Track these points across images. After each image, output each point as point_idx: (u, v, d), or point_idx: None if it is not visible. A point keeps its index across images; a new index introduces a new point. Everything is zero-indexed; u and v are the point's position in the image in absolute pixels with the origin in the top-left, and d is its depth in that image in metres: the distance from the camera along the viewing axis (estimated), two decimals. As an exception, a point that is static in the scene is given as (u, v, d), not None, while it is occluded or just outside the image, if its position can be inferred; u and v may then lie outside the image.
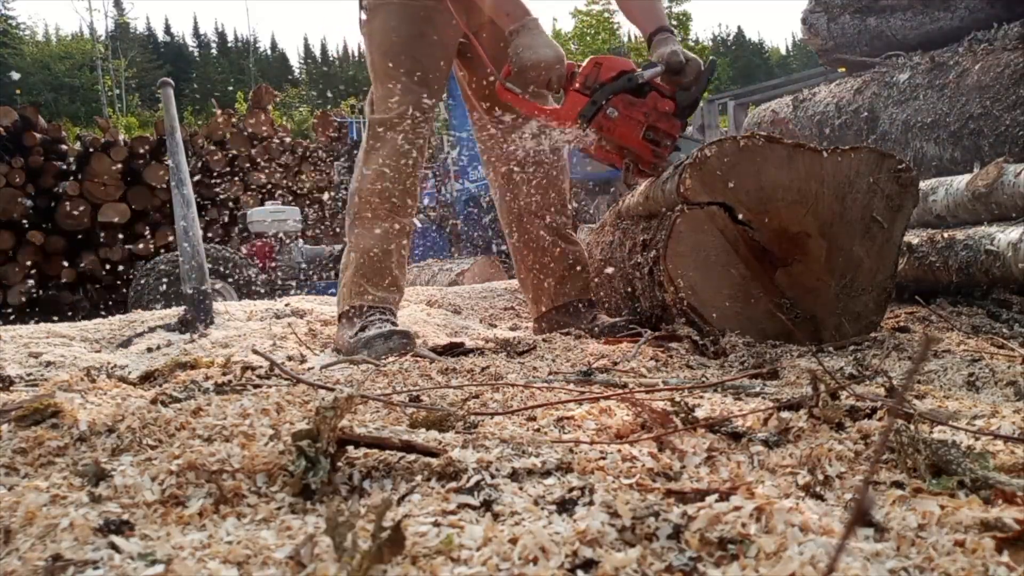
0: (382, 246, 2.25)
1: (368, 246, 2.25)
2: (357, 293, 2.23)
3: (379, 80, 2.38)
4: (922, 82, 2.85)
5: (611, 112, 2.17)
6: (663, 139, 2.20)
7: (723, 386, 1.27)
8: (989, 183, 2.38)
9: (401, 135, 2.28)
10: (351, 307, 2.22)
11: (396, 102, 2.30)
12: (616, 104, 2.17)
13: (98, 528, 0.67)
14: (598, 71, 2.19)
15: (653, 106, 2.19)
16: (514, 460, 0.83)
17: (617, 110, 2.17)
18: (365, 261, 2.24)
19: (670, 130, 2.20)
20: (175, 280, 4.96)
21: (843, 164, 1.95)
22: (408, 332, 2.06)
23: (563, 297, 2.48)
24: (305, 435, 0.80)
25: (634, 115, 2.18)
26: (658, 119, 2.19)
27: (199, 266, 2.91)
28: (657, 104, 2.19)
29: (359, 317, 2.18)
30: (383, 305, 2.22)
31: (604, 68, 2.19)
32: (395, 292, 2.28)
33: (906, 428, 0.85)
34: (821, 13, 3.70)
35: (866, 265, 1.99)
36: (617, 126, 2.18)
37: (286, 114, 19.83)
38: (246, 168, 10.23)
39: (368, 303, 2.21)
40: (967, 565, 0.57)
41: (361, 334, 2.06)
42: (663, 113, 2.19)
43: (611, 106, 2.17)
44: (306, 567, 0.59)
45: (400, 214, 2.28)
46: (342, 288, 2.29)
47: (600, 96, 2.17)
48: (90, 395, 1.14)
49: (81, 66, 38.06)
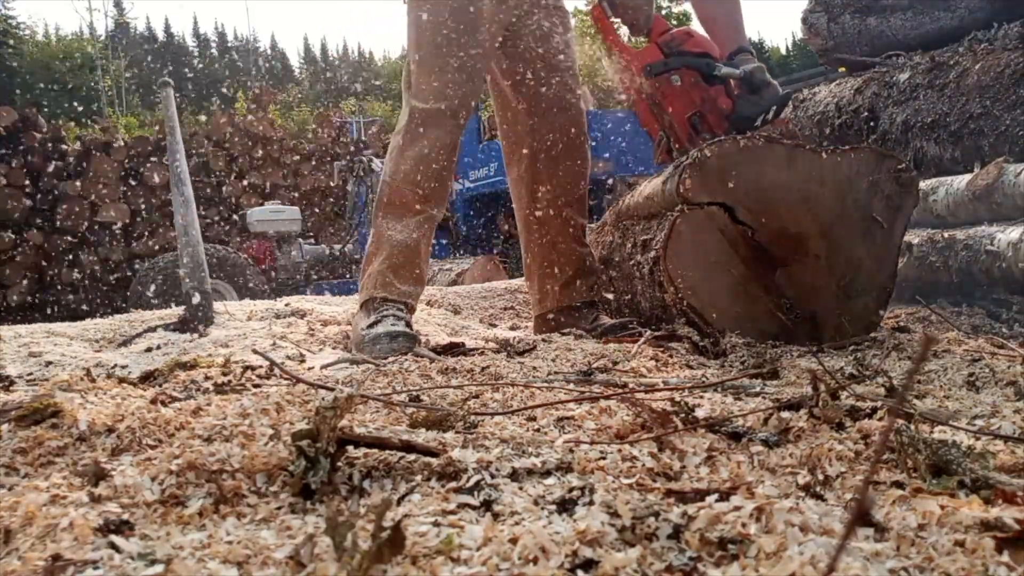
0: (412, 238, 2.23)
1: (398, 238, 2.23)
2: (381, 284, 2.21)
3: (424, 69, 2.30)
4: (922, 82, 2.84)
5: (675, 79, 2.19)
6: (704, 130, 2.20)
7: (723, 386, 1.27)
8: (989, 183, 2.38)
9: (443, 129, 2.24)
10: (371, 297, 2.21)
11: (441, 94, 2.25)
12: (683, 75, 2.19)
13: (98, 528, 0.67)
14: (686, 40, 2.23)
15: (714, 98, 2.21)
16: (514, 460, 0.83)
17: (681, 80, 2.19)
18: (393, 253, 2.22)
19: (716, 126, 2.21)
20: (175, 280, 4.96)
21: (843, 164, 1.95)
22: (414, 336, 2.05)
23: (568, 299, 2.46)
24: (305, 435, 0.80)
25: (693, 94, 2.20)
26: (711, 111, 2.21)
27: (199, 266, 2.90)
28: (718, 98, 2.21)
29: (375, 310, 2.17)
30: (402, 300, 2.20)
31: (693, 41, 2.23)
32: (418, 286, 2.28)
33: (906, 428, 0.85)
34: (821, 13, 3.70)
35: (866, 265, 1.99)
36: (673, 94, 2.20)
37: (286, 114, 19.84)
38: (246, 168, 10.23)
39: (390, 296, 2.19)
40: (967, 565, 0.57)
41: (370, 330, 2.06)
42: (718, 109, 2.21)
43: (678, 74, 2.19)
44: (306, 567, 0.59)
45: (432, 206, 2.28)
46: (366, 277, 2.28)
47: (675, 61, 2.20)
48: (90, 395, 1.14)
49: (81, 66, 38.05)
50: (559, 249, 2.46)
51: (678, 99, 2.20)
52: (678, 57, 2.20)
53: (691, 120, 2.21)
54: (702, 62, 2.19)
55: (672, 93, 2.21)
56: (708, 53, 2.21)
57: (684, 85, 2.20)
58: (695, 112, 2.21)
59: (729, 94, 2.22)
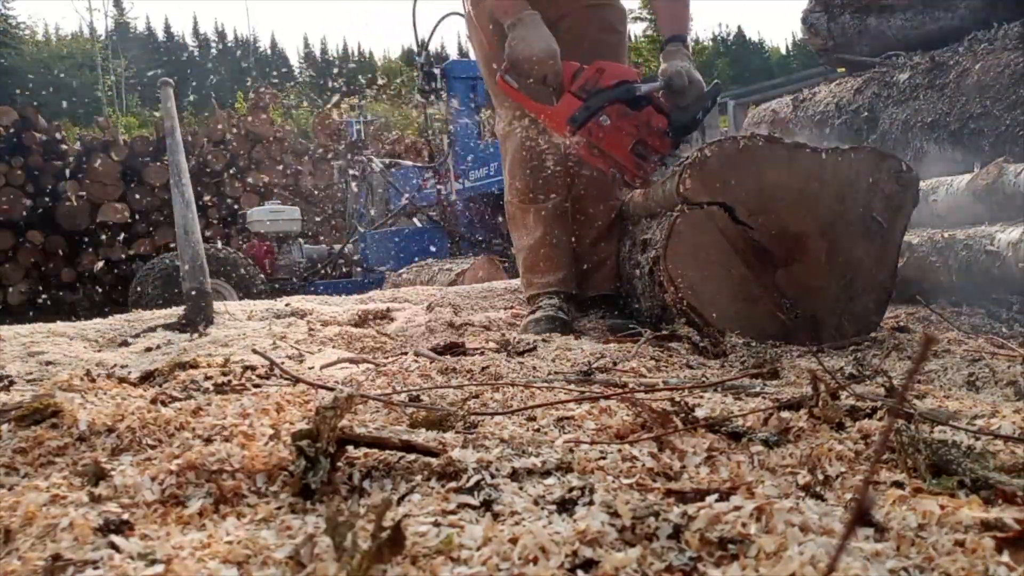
0: (533, 240, 2.49)
1: (526, 243, 2.52)
2: (527, 284, 2.55)
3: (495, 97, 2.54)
4: (922, 82, 2.84)
5: (603, 120, 2.15)
6: (651, 154, 2.18)
7: (723, 386, 1.27)
8: (989, 183, 2.38)
9: (520, 130, 2.42)
10: (528, 297, 2.55)
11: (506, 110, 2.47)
12: (610, 112, 2.15)
13: (98, 528, 0.67)
14: (599, 76, 2.18)
15: (646, 121, 2.17)
16: (514, 460, 0.83)
17: (610, 118, 2.15)
18: (526, 256, 2.53)
19: (660, 147, 2.18)
20: (175, 280, 4.96)
21: (843, 164, 1.95)
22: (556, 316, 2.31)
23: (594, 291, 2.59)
24: (305, 435, 0.80)
25: (625, 126, 2.17)
26: (649, 134, 2.18)
27: (199, 266, 2.90)
28: (651, 119, 2.18)
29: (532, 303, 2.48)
30: (548, 290, 2.46)
31: (606, 74, 2.18)
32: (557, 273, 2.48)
33: (906, 428, 0.85)
34: (821, 13, 3.70)
35: (866, 265, 1.99)
36: (607, 134, 2.17)
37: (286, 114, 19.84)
38: (246, 168, 10.22)
39: (536, 291, 2.49)
40: (967, 565, 0.57)
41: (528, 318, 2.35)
42: (655, 129, 2.18)
43: (604, 113, 2.15)
44: (306, 567, 0.59)
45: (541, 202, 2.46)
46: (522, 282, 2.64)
47: (595, 102, 2.15)
48: (90, 395, 1.14)
49: (81, 66, 38.04)
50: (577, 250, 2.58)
51: (614, 137, 2.17)
52: (596, 97, 2.15)
53: (634, 151, 2.18)
54: (621, 92, 2.15)
55: (606, 134, 2.17)
56: (624, 80, 2.18)
57: (614, 121, 2.16)
58: (635, 142, 2.18)
59: (660, 108, 2.19)
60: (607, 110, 2.15)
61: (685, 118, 2.18)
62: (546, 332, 2.16)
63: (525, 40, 2.16)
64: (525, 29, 2.17)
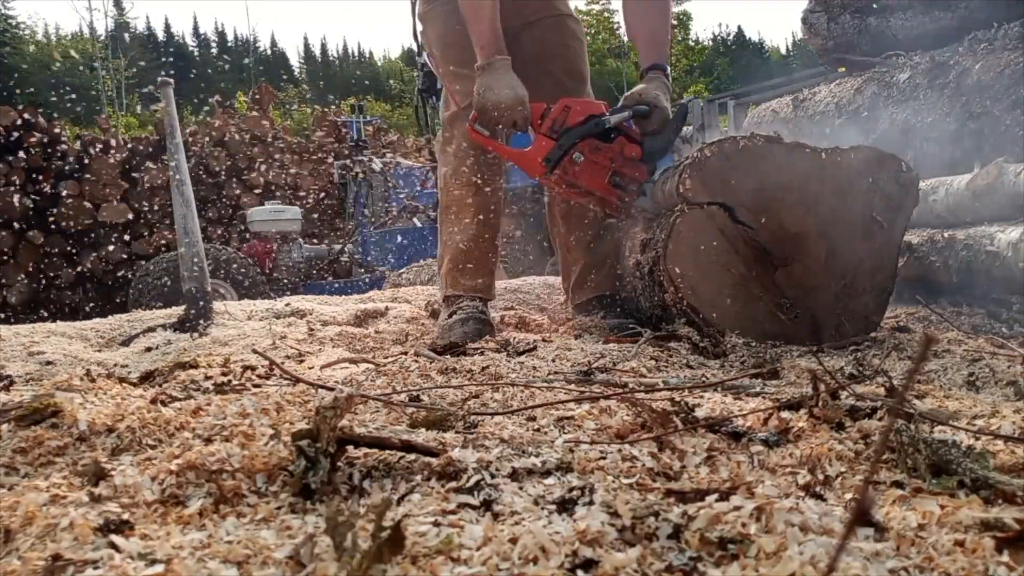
0: (468, 238, 2.43)
1: (456, 240, 2.44)
2: (451, 283, 2.45)
3: (446, 81, 2.49)
4: (922, 82, 2.84)
5: (577, 157, 2.16)
6: (629, 184, 2.19)
7: (723, 386, 1.27)
8: (990, 183, 2.38)
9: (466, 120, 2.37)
10: (446, 296, 2.46)
11: (460, 97, 2.41)
12: (582, 148, 2.16)
13: (98, 528, 0.67)
14: (566, 114, 2.19)
15: (620, 151, 2.18)
16: (514, 460, 0.83)
17: (583, 155, 2.16)
18: (455, 252, 2.44)
19: (636, 175, 2.19)
20: (175, 280, 4.96)
21: (843, 164, 1.95)
22: (486, 321, 2.27)
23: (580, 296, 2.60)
24: (305, 435, 0.80)
25: (600, 160, 2.17)
26: (624, 164, 2.18)
27: (199, 266, 2.91)
28: (624, 149, 2.18)
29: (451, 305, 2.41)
30: (471, 293, 2.41)
31: (573, 112, 2.18)
32: (485, 278, 2.45)
33: (906, 428, 0.85)
34: (821, 12, 3.70)
35: (866, 265, 1.99)
36: (583, 171, 2.17)
37: (286, 114, 19.83)
38: (246, 168, 10.22)
39: (459, 292, 2.42)
40: (967, 565, 0.57)
41: (448, 320, 2.30)
42: (629, 159, 2.18)
43: (577, 150, 2.16)
44: (306, 567, 0.59)
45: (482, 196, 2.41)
46: (440, 278, 2.54)
47: (566, 140, 2.16)
48: (90, 395, 1.14)
49: (81, 66, 38.02)
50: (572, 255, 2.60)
51: (590, 173, 2.18)
52: (567, 136, 2.16)
53: (611, 182, 2.19)
54: (591, 127, 2.15)
55: (581, 170, 2.18)
56: (591, 113, 2.17)
57: (587, 156, 2.16)
58: (611, 173, 2.18)
59: (631, 137, 2.19)
60: (579, 147, 2.17)
61: (657, 143, 2.18)
62: (475, 333, 2.16)
63: (492, 88, 2.18)
64: (493, 76, 2.19)
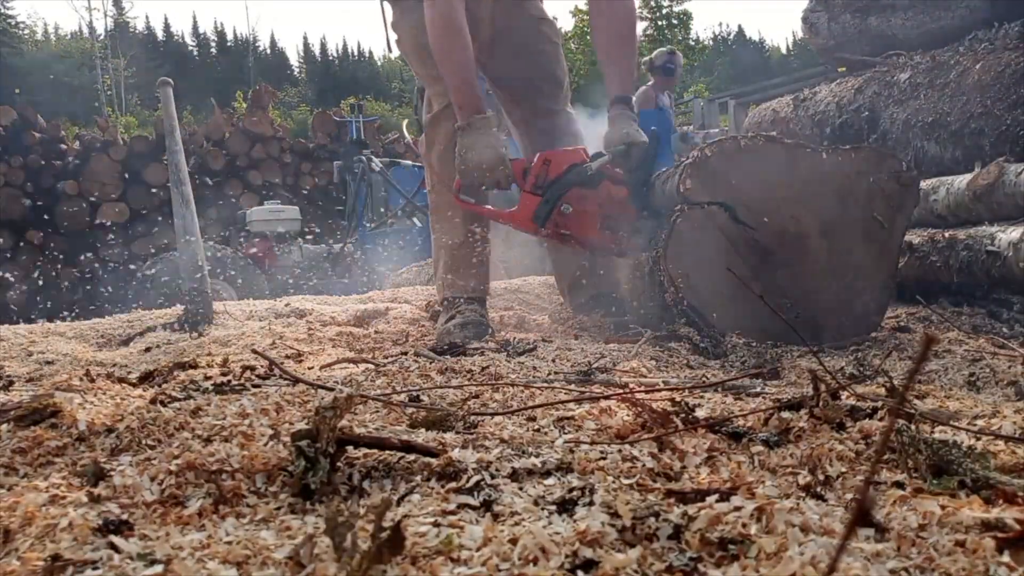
0: (459, 238, 2.43)
1: (446, 241, 2.44)
2: (447, 285, 2.46)
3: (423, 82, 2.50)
4: (923, 81, 2.84)
5: (565, 208, 2.16)
6: (621, 224, 2.18)
7: (723, 386, 1.27)
8: (990, 183, 2.38)
9: (449, 122, 2.36)
10: (444, 298, 2.47)
11: (439, 98, 2.42)
12: (569, 200, 2.16)
13: (97, 528, 0.67)
14: (547, 168, 2.18)
15: (606, 195, 2.17)
16: (514, 460, 0.83)
17: (571, 206, 2.16)
18: (449, 255, 2.44)
19: (628, 215, 2.18)
20: (175, 280, 4.96)
21: (843, 164, 1.95)
22: (483, 323, 2.27)
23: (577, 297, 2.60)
24: (305, 435, 0.80)
25: (588, 208, 2.17)
26: (612, 207, 2.18)
27: (199, 266, 2.90)
28: (610, 192, 2.17)
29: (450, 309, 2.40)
30: (467, 294, 2.41)
31: (553, 164, 2.18)
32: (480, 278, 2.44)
33: (907, 428, 0.85)
34: (822, 12, 3.69)
35: (866, 265, 1.99)
36: (573, 221, 2.17)
37: (286, 114, 19.83)
38: (246, 168, 10.22)
39: (456, 293, 2.42)
40: (968, 565, 0.57)
41: (448, 323, 2.30)
42: (617, 200, 2.18)
43: (564, 202, 2.15)
44: (305, 567, 0.59)
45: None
46: (437, 280, 2.54)
47: (552, 194, 2.15)
48: (89, 395, 1.14)
49: (80, 65, 38.01)
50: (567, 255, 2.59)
51: (581, 222, 2.17)
52: (552, 190, 2.15)
53: (604, 227, 2.18)
54: (574, 177, 2.14)
55: (573, 221, 2.17)
56: (572, 163, 2.16)
57: (576, 207, 2.16)
58: (603, 218, 2.17)
59: (615, 179, 2.18)
60: (566, 198, 2.16)
61: (640, 179, 2.17)
62: (473, 337, 2.16)
63: (473, 148, 2.18)
64: (473, 136, 2.19)
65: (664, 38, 27.79)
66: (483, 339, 2.15)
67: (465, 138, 2.20)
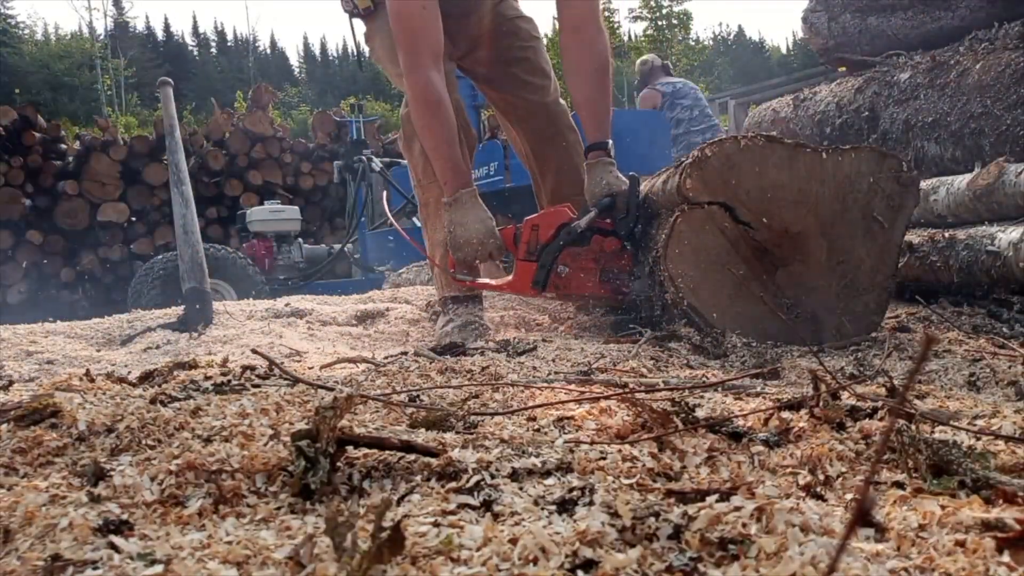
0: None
1: (438, 238, 2.42)
2: (444, 285, 2.46)
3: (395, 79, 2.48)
4: (923, 81, 2.84)
5: (561, 270, 2.16)
6: (621, 275, 2.18)
7: (723, 386, 1.27)
8: (990, 182, 2.38)
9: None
10: (442, 298, 2.47)
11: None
12: (564, 260, 2.16)
13: (97, 528, 0.67)
14: (537, 233, 2.19)
15: (599, 249, 2.17)
16: (514, 460, 0.83)
17: (567, 267, 2.16)
18: (441, 255, 2.43)
19: (623, 264, 2.18)
20: (175, 280, 4.97)
21: (844, 164, 1.95)
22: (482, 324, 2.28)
23: None
24: (304, 435, 0.80)
25: (584, 264, 2.17)
26: (608, 259, 2.18)
27: (198, 265, 2.90)
28: (603, 245, 2.18)
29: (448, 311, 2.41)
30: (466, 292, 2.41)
31: (542, 228, 2.18)
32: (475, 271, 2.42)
33: (907, 428, 0.85)
34: (822, 12, 3.69)
35: (866, 265, 1.99)
36: (572, 280, 2.18)
37: (286, 114, 19.83)
38: (246, 168, 10.22)
39: (454, 293, 2.42)
40: (968, 565, 0.57)
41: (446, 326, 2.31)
42: (611, 252, 2.18)
43: (560, 264, 2.16)
44: (305, 567, 0.59)
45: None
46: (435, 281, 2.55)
47: (546, 259, 2.15)
48: (89, 395, 1.14)
49: (80, 65, 38.00)
50: None
51: (579, 280, 2.18)
52: (546, 255, 2.15)
53: (603, 279, 2.18)
54: (564, 238, 2.14)
55: (570, 280, 2.18)
56: (560, 224, 2.15)
57: (572, 266, 2.16)
58: (600, 271, 2.18)
59: (605, 231, 2.17)
60: (560, 260, 2.16)
61: (628, 225, 2.15)
62: (473, 337, 2.17)
63: (463, 224, 2.18)
64: (461, 211, 2.19)
65: (664, 38, 27.80)
66: (486, 337, 2.16)
67: (453, 213, 2.19)
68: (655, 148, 5.89)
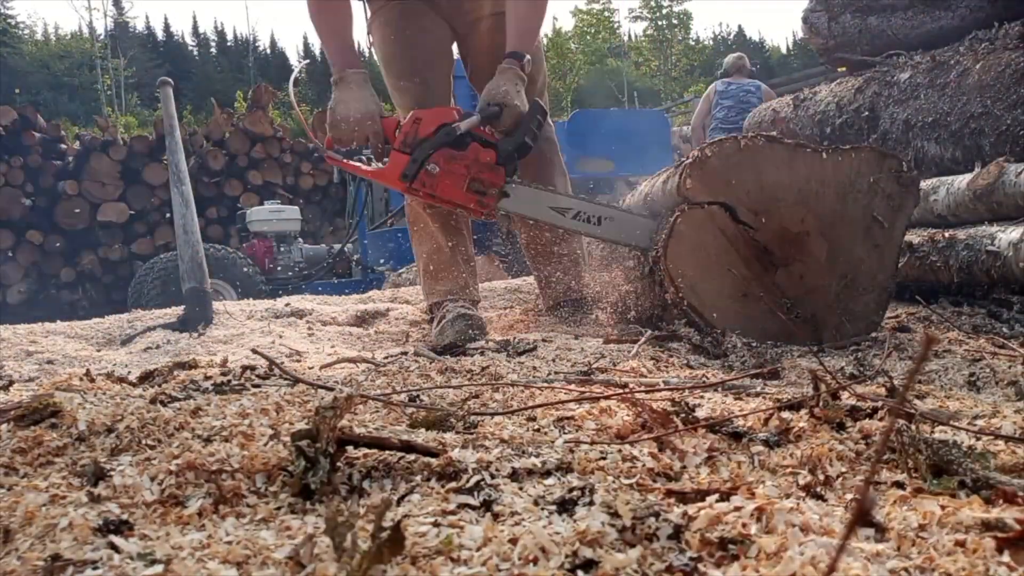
0: (435, 246, 2.46)
1: (423, 251, 2.48)
2: (428, 293, 2.49)
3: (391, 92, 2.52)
4: (923, 81, 2.84)
5: (432, 168, 2.15)
6: (488, 188, 2.17)
7: (723, 386, 1.27)
8: (990, 182, 2.38)
9: None
10: (429, 305, 2.49)
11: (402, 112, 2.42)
12: (437, 159, 2.14)
13: (97, 528, 0.67)
14: (417, 127, 2.17)
15: (474, 157, 2.16)
16: (514, 460, 0.83)
17: (438, 165, 2.15)
18: (427, 262, 2.48)
19: (494, 180, 2.16)
20: (174, 280, 4.97)
21: (844, 164, 1.95)
22: (473, 315, 2.28)
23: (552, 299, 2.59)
24: (305, 435, 0.80)
25: (455, 169, 2.16)
26: (480, 170, 2.16)
27: (198, 265, 2.91)
28: (478, 155, 2.16)
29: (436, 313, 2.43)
30: (452, 296, 2.43)
31: (423, 123, 2.17)
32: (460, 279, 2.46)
33: (907, 428, 0.85)
34: (822, 12, 3.70)
35: (867, 265, 1.99)
36: (439, 181, 2.16)
37: (286, 114, 19.83)
38: (245, 168, 10.22)
39: (439, 299, 2.44)
40: (968, 565, 0.57)
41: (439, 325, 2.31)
42: (484, 164, 2.16)
43: (432, 162, 2.14)
44: (306, 567, 0.59)
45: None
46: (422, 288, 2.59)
47: (420, 154, 2.14)
48: (89, 395, 1.14)
49: (80, 65, 38.00)
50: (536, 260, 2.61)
51: (447, 183, 2.16)
52: (420, 149, 2.14)
53: (470, 189, 2.17)
54: (442, 137, 2.13)
55: (438, 180, 2.16)
56: (442, 123, 2.15)
57: (443, 167, 2.15)
58: (469, 180, 2.16)
59: (484, 141, 2.16)
60: (434, 158, 2.15)
61: (510, 145, 2.14)
62: (466, 328, 2.17)
63: (344, 102, 2.17)
64: (345, 90, 2.18)
65: (664, 38, 27.78)
66: (478, 332, 2.15)
67: (338, 91, 2.19)
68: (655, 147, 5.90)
